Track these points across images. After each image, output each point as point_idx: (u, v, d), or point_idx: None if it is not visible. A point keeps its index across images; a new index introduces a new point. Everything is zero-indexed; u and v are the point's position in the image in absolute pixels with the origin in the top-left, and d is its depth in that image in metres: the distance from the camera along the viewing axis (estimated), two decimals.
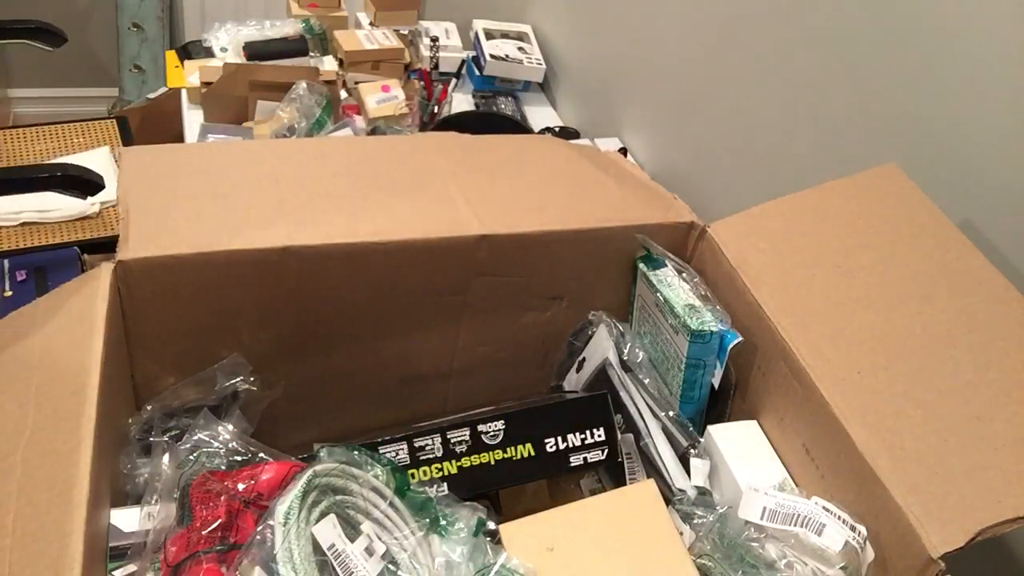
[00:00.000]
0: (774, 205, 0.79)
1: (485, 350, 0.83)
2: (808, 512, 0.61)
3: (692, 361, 0.73)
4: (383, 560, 0.55)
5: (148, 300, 0.66)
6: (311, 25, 1.56)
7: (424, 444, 0.66)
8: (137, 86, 2.60)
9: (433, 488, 0.64)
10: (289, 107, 1.39)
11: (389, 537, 0.57)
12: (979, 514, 0.55)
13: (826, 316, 0.69)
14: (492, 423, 0.68)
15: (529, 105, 1.71)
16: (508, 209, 0.77)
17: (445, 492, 0.66)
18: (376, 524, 0.57)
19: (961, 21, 0.80)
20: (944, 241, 0.73)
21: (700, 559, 0.63)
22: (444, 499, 0.62)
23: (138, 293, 0.66)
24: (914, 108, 0.86)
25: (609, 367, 0.77)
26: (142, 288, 0.66)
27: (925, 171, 0.79)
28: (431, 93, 1.60)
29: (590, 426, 0.70)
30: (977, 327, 0.66)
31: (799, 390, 0.67)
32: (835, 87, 0.97)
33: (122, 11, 2.52)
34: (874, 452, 0.60)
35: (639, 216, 0.80)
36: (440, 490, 0.66)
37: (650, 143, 1.42)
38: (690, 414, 0.76)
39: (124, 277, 0.65)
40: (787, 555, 0.61)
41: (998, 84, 0.78)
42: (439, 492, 0.66)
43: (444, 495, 0.64)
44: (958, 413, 0.61)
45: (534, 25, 1.81)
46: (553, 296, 0.82)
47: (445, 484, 0.66)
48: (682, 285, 0.76)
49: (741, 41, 1.14)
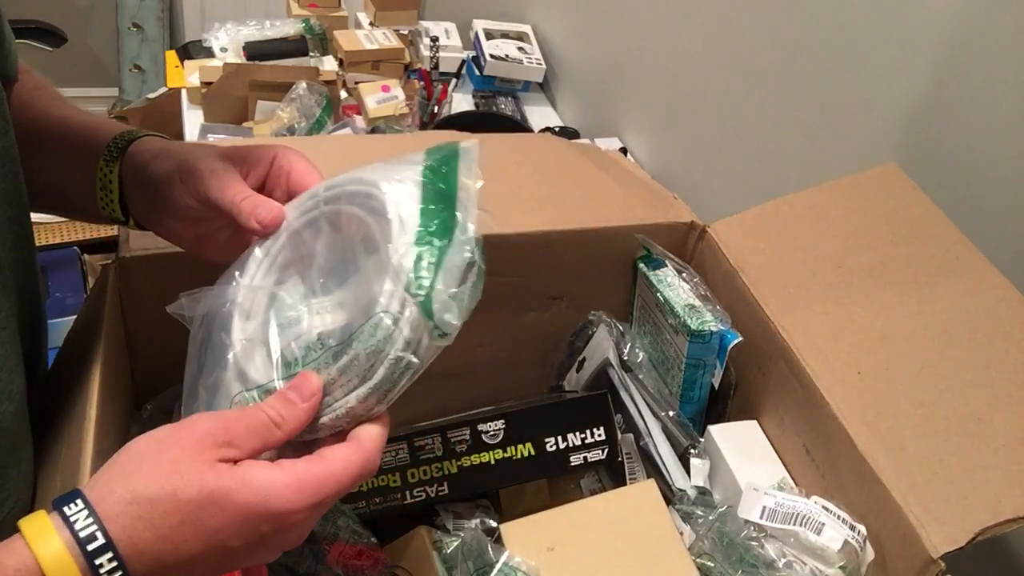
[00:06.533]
0: (774, 205, 0.79)
1: (485, 350, 0.83)
2: (807, 511, 0.61)
3: (692, 361, 0.73)
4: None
5: (148, 300, 0.66)
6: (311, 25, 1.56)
7: (424, 443, 0.66)
8: (137, 86, 2.60)
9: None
10: (289, 107, 1.39)
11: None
12: (979, 514, 0.55)
13: (826, 316, 0.69)
14: (492, 423, 0.68)
15: (529, 105, 1.71)
16: (508, 209, 0.77)
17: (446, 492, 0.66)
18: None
19: (961, 21, 0.80)
20: (944, 241, 0.73)
21: (700, 558, 0.64)
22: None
23: (138, 292, 0.66)
24: (914, 108, 0.86)
25: (609, 367, 0.77)
26: (142, 287, 0.66)
27: (925, 171, 0.79)
28: (431, 93, 1.60)
29: (590, 426, 0.70)
30: (977, 327, 0.66)
31: (799, 390, 0.67)
32: (835, 87, 0.97)
33: (122, 11, 2.52)
34: (874, 452, 0.60)
35: (639, 216, 0.80)
36: (440, 490, 0.66)
37: (650, 143, 1.42)
38: (690, 414, 0.76)
39: (124, 276, 0.65)
40: (787, 554, 0.61)
41: (998, 84, 0.78)
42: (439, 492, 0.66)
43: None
44: (958, 413, 0.61)
45: (534, 25, 1.81)
46: (553, 296, 0.82)
47: (445, 484, 0.66)
48: (682, 285, 0.76)
49: (741, 41, 1.14)
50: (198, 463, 0.39)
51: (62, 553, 0.36)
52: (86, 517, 0.37)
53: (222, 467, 0.40)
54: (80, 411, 0.52)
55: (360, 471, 0.43)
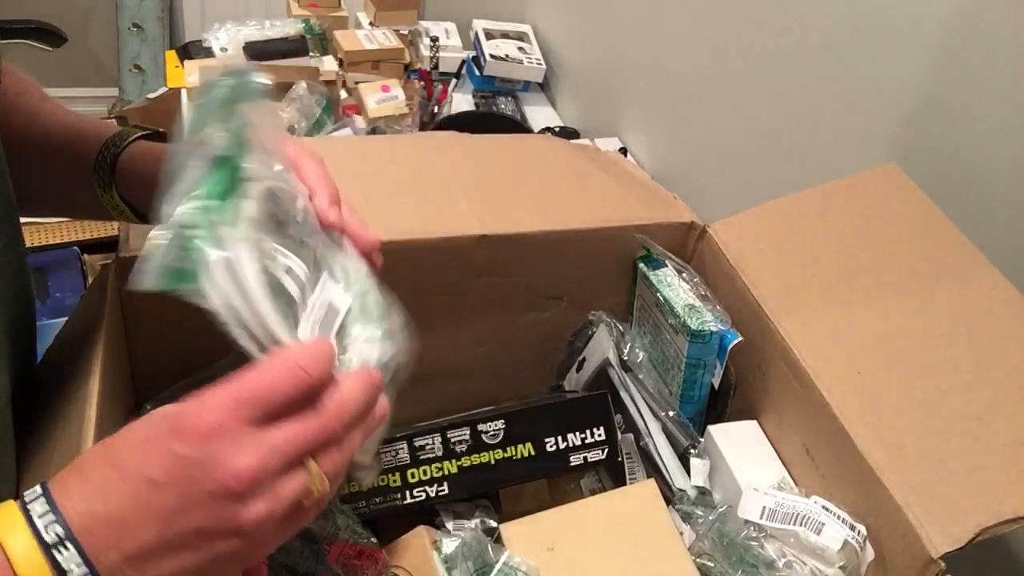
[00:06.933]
0: (774, 205, 0.79)
1: (485, 350, 0.83)
2: (807, 511, 0.61)
3: (692, 361, 0.73)
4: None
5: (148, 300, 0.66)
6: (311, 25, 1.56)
7: (424, 443, 0.66)
8: (137, 86, 2.60)
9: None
10: (289, 107, 1.39)
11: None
12: (979, 514, 0.55)
13: (826, 316, 0.69)
14: (492, 423, 0.68)
15: (529, 105, 1.71)
16: (508, 209, 0.77)
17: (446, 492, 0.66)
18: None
19: (961, 21, 0.80)
20: (944, 241, 0.73)
21: (700, 558, 0.64)
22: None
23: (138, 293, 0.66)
24: (914, 108, 0.86)
25: (609, 367, 0.77)
26: None
27: (925, 171, 0.79)
28: (431, 93, 1.60)
29: (590, 426, 0.70)
30: (977, 327, 0.66)
31: (799, 390, 0.67)
32: (835, 87, 0.97)
33: (122, 11, 2.52)
34: (874, 452, 0.60)
35: (639, 216, 0.80)
36: (440, 490, 0.66)
37: (650, 143, 1.42)
38: (690, 414, 0.76)
39: (124, 276, 0.65)
40: (786, 554, 0.61)
41: (998, 84, 0.78)
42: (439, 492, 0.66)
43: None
44: (958, 413, 0.61)
45: (534, 25, 1.81)
46: (553, 296, 0.82)
47: (445, 484, 0.66)
48: (682, 285, 0.76)
49: (741, 41, 1.14)
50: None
51: (8, 506, 0.37)
52: (38, 488, 0.38)
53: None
54: (79, 411, 0.52)
55: (287, 365, 0.40)
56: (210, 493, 0.37)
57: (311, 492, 0.40)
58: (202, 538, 0.37)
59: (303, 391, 0.40)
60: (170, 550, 0.37)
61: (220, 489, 0.37)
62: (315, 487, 0.40)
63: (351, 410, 0.42)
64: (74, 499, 0.37)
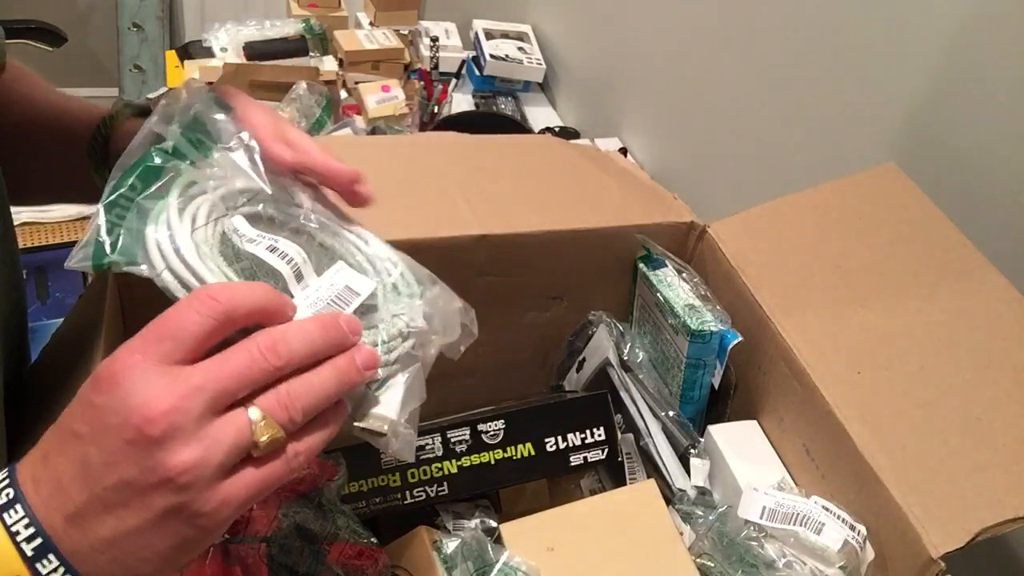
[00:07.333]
0: (774, 205, 0.79)
1: (485, 350, 0.82)
2: (807, 511, 0.61)
3: (692, 361, 0.73)
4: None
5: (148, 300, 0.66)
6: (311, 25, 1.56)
7: (424, 443, 0.66)
8: (137, 86, 2.60)
9: None
10: (289, 107, 1.39)
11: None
12: (979, 514, 0.55)
13: (826, 316, 0.69)
14: (492, 423, 0.68)
15: (529, 105, 1.71)
16: (508, 209, 0.77)
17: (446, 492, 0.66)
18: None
19: (961, 21, 0.80)
20: (944, 241, 0.73)
21: (700, 558, 0.64)
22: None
23: (138, 293, 0.66)
24: (914, 108, 0.86)
25: (609, 367, 0.77)
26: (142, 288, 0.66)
27: (925, 171, 0.79)
28: (431, 93, 1.60)
29: (590, 426, 0.70)
30: (977, 327, 0.66)
31: (799, 390, 0.67)
32: (835, 87, 0.97)
33: (122, 11, 2.52)
34: (874, 452, 0.60)
35: (639, 216, 0.80)
36: (440, 490, 0.66)
37: (650, 143, 1.42)
38: (690, 414, 0.76)
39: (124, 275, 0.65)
40: (786, 554, 0.61)
41: (998, 84, 0.78)
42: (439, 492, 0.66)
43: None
44: (958, 413, 0.61)
45: (534, 25, 1.81)
46: (553, 296, 0.82)
47: (445, 484, 0.66)
48: (682, 285, 0.76)
49: (741, 41, 1.14)
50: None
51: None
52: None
53: None
54: None
55: (197, 296, 0.38)
56: (127, 441, 0.34)
57: (256, 438, 0.36)
58: (134, 492, 0.35)
59: (218, 321, 0.37)
60: (106, 508, 0.35)
61: (135, 435, 0.34)
62: (259, 433, 0.36)
63: (296, 347, 0.38)
64: (25, 464, 0.37)
